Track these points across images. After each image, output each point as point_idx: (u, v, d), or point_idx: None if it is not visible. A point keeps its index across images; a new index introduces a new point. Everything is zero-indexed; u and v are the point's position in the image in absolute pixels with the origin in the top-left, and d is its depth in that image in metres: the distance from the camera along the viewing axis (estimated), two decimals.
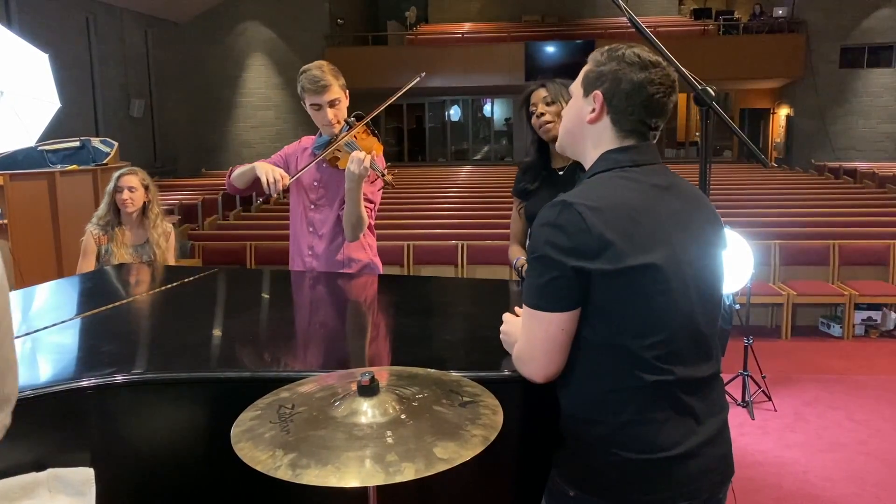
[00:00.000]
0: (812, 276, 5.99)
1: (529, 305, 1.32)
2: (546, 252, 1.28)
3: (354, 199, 2.49)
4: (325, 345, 1.80)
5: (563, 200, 1.29)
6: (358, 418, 1.20)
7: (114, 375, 1.50)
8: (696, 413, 1.32)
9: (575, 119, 1.43)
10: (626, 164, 1.35)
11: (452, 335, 1.82)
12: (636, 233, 1.27)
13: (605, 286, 1.26)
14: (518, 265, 2.49)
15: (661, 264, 1.26)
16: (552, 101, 2.41)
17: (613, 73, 1.35)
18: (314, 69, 2.59)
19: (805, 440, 3.65)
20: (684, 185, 1.42)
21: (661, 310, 1.28)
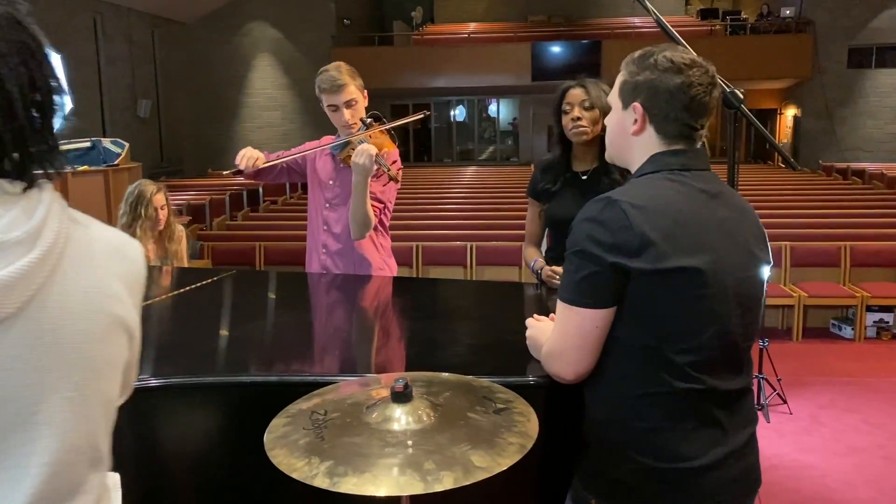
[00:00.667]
0: (823, 278, 5.96)
1: (564, 300, 1.30)
2: (586, 247, 1.26)
3: (360, 194, 2.47)
4: (349, 349, 1.79)
5: (608, 196, 1.29)
6: (391, 425, 1.19)
7: (147, 379, 1.49)
8: (723, 425, 1.31)
9: (619, 132, 1.42)
10: (675, 167, 1.33)
11: (475, 339, 1.80)
12: (679, 235, 1.25)
13: (643, 286, 1.24)
14: (536, 267, 2.46)
15: (702, 269, 1.24)
16: (591, 106, 2.34)
17: (649, 83, 1.33)
18: (331, 69, 2.58)
19: (822, 444, 3.63)
20: (733, 195, 1.40)
21: (698, 316, 1.26)
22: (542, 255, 2.53)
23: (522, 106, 18.23)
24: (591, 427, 1.37)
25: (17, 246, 0.76)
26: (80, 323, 0.82)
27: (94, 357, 0.84)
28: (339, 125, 2.63)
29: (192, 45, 15.30)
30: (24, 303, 0.76)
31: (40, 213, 0.80)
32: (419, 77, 15.41)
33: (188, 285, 2.45)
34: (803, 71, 14.65)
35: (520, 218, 7.80)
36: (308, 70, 15.40)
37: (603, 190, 2.35)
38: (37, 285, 0.78)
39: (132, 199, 3.31)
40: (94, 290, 0.84)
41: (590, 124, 2.35)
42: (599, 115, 2.34)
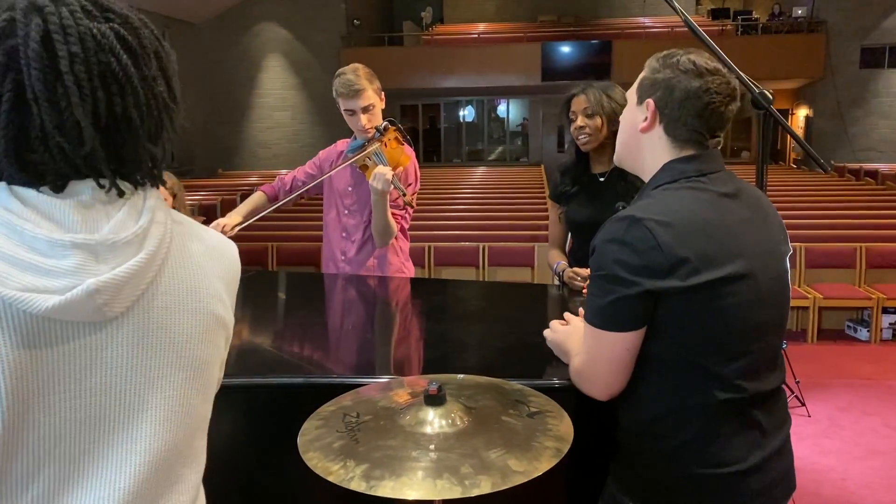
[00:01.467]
0: (838, 279, 5.92)
1: (593, 325, 1.27)
2: (613, 271, 1.22)
3: (381, 210, 2.48)
4: (375, 350, 1.79)
5: (630, 215, 1.24)
6: (425, 428, 1.18)
7: None
8: (762, 426, 1.29)
9: (629, 129, 1.39)
10: (692, 173, 1.30)
11: (501, 341, 1.79)
12: (709, 248, 1.22)
13: (677, 303, 1.21)
14: (558, 269, 2.45)
15: (735, 277, 1.22)
16: (592, 113, 2.34)
17: (667, 81, 1.31)
18: (349, 73, 2.55)
19: (841, 447, 3.60)
20: (749, 191, 1.37)
21: (736, 324, 1.24)
22: (565, 258, 2.52)
23: (532, 106, 18.19)
24: (627, 436, 1.35)
25: (126, 246, 0.78)
26: (184, 322, 0.84)
27: (195, 356, 0.86)
28: (355, 129, 2.62)
29: (202, 45, 15.35)
30: (133, 302, 0.79)
31: (146, 215, 0.82)
32: (429, 77, 15.40)
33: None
34: (815, 71, 14.56)
35: (531, 218, 7.82)
36: (318, 70, 15.44)
37: (619, 191, 2.35)
38: (145, 284, 0.80)
39: None
40: (197, 289, 0.86)
41: (594, 131, 2.36)
42: (602, 120, 2.35)
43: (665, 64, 1.33)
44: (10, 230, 0.73)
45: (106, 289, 0.75)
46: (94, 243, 0.75)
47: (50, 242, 0.73)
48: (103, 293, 0.75)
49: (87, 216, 0.77)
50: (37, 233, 0.73)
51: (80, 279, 0.74)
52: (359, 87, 2.51)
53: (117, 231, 0.78)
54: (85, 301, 0.74)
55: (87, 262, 0.75)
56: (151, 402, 0.81)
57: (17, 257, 0.72)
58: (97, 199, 0.78)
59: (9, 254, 0.72)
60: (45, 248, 0.73)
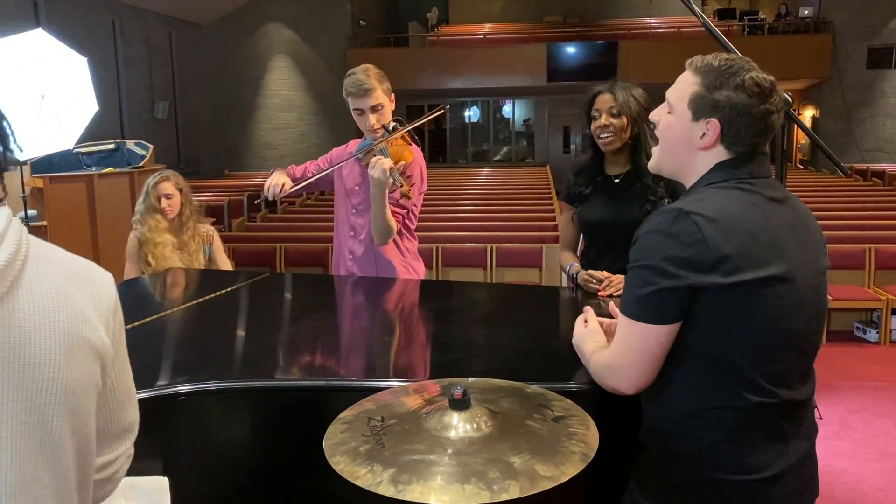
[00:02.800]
0: (847, 281, 5.90)
1: (629, 315, 1.28)
2: (657, 262, 1.22)
3: (378, 204, 2.47)
4: (393, 353, 1.79)
5: (678, 208, 1.24)
6: (450, 432, 1.18)
7: (206, 382, 1.49)
8: (787, 436, 1.29)
9: (681, 141, 1.35)
10: (742, 175, 1.29)
11: (519, 344, 1.79)
12: (754, 247, 1.22)
13: (717, 299, 1.21)
14: (572, 272, 2.45)
15: (778, 279, 1.22)
16: (619, 113, 2.31)
17: (731, 104, 1.27)
18: (359, 73, 2.56)
19: (854, 449, 3.59)
20: (796, 200, 1.37)
21: (775, 327, 1.24)
22: (578, 259, 2.51)
23: (538, 107, 18.19)
24: (653, 436, 1.35)
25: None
26: (40, 342, 0.76)
27: (56, 380, 0.76)
28: (364, 129, 2.62)
29: (209, 46, 15.37)
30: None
31: (2, 220, 0.76)
32: (435, 78, 15.40)
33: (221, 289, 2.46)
34: (822, 71, 14.52)
35: (538, 219, 7.81)
36: (324, 71, 15.45)
37: (635, 194, 2.34)
38: None
39: (144, 188, 3.29)
40: (59, 312, 0.78)
41: (618, 131, 2.33)
42: (627, 121, 2.33)
43: (726, 81, 1.28)
44: None
45: None
46: None
47: None
48: None
49: None
50: None
51: None
52: (368, 86, 2.52)
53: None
54: None
55: None
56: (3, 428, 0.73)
57: None
58: None
59: None
60: None
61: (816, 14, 14.86)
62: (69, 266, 0.83)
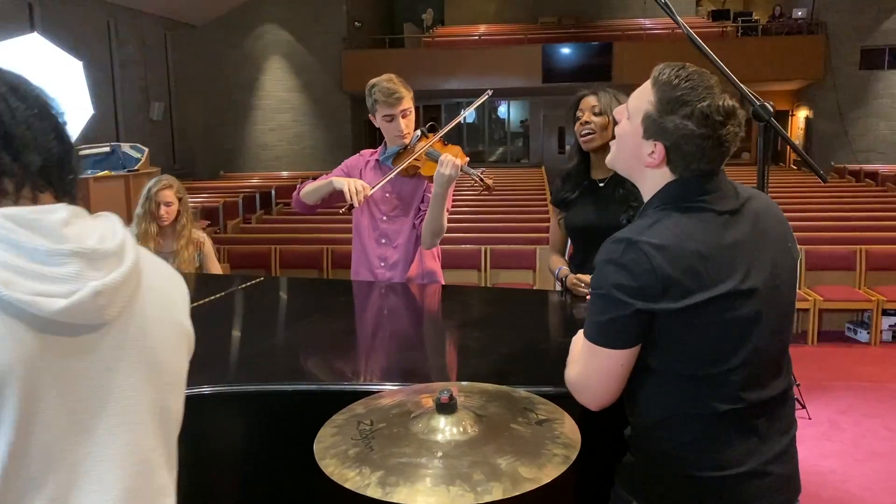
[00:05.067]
0: (838, 282, 5.95)
1: (590, 339, 1.31)
2: (610, 292, 1.26)
3: (441, 205, 2.49)
4: (387, 357, 1.82)
5: (627, 238, 1.27)
6: (437, 436, 1.21)
7: (201, 386, 1.52)
8: (760, 432, 1.32)
9: (631, 152, 1.36)
10: (694, 195, 1.30)
11: (509, 348, 1.83)
12: (702, 269, 1.24)
13: (672, 323, 1.25)
14: (560, 275, 2.48)
15: (731, 294, 1.25)
16: (600, 112, 2.37)
17: (679, 132, 1.27)
18: (385, 82, 2.59)
19: (842, 449, 3.64)
20: (754, 201, 1.36)
21: (735, 340, 1.27)
22: (567, 263, 2.55)
23: (533, 108, 18.23)
24: (633, 436, 1.39)
25: (112, 256, 0.86)
26: (160, 330, 0.92)
27: (171, 363, 0.94)
28: (393, 135, 2.63)
29: (204, 47, 15.38)
30: (124, 306, 0.86)
31: (120, 231, 0.90)
32: (430, 79, 15.43)
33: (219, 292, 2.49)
34: (815, 72, 14.59)
35: (533, 221, 7.84)
36: (319, 72, 15.47)
37: (619, 198, 2.38)
38: (131, 292, 0.87)
39: (143, 193, 3.32)
40: (168, 301, 0.95)
41: (599, 129, 2.38)
42: (609, 121, 2.37)
43: (677, 109, 1.27)
44: (8, 244, 0.79)
45: (106, 291, 0.82)
46: (89, 251, 0.83)
47: (49, 252, 0.80)
48: (105, 295, 0.82)
49: (70, 229, 0.83)
50: (37, 244, 0.80)
51: (81, 284, 0.81)
52: (400, 94, 2.57)
53: (103, 242, 0.85)
54: (90, 302, 0.81)
55: (84, 270, 0.82)
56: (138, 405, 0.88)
57: (20, 266, 0.78)
58: (72, 215, 0.85)
59: (12, 264, 0.78)
60: (45, 258, 0.80)
61: (810, 15, 14.94)
62: (161, 268, 0.99)
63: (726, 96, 1.30)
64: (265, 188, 11.67)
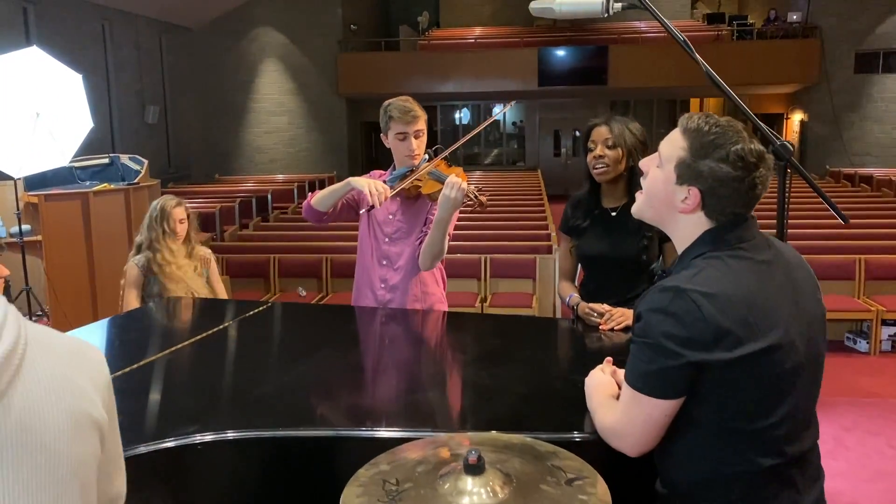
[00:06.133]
0: (837, 291, 5.95)
1: (634, 387, 1.30)
2: (659, 341, 1.25)
3: (443, 229, 2.48)
4: (401, 398, 1.80)
5: (675, 286, 1.26)
6: (464, 499, 1.20)
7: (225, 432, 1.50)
8: (798, 484, 1.32)
9: (663, 199, 1.37)
10: (733, 242, 1.31)
11: (525, 387, 1.81)
12: (752, 318, 1.24)
13: (721, 374, 1.24)
14: (571, 303, 2.47)
15: (777, 347, 1.25)
16: (613, 145, 2.36)
17: (714, 176, 1.29)
18: (401, 101, 2.60)
19: (848, 468, 3.63)
20: (783, 253, 1.39)
21: (779, 391, 1.27)
22: (577, 290, 2.54)
23: (528, 110, 18.23)
24: (667, 491, 1.37)
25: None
26: (47, 421, 0.79)
27: (67, 455, 0.81)
28: (403, 154, 2.63)
29: (199, 50, 15.32)
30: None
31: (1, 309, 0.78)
32: (426, 82, 15.42)
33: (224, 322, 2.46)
34: (810, 76, 14.66)
35: (531, 228, 7.83)
36: (315, 75, 15.43)
37: (631, 228, 2.36)
38: (4, 384, 0.76)
39: (156, 215, 3.31)
40: (59, 387, 0.82)
41: (612, 163, 2.37)
42: (623, 153, 2.36)
43: (711, 152, 1.29)
44: None
45: None
46: None
47: None
48: None
49: None
50: None
51: None
52: (416, 113, 2.59)
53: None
54: None
55: None
56: None
57: None
58: None
59: None
60: None
61: (805, 19, 14.99)
62: (64, 347, 0.87)
63: (756, 140, 1.33)
64: (261, 192, 11.62)
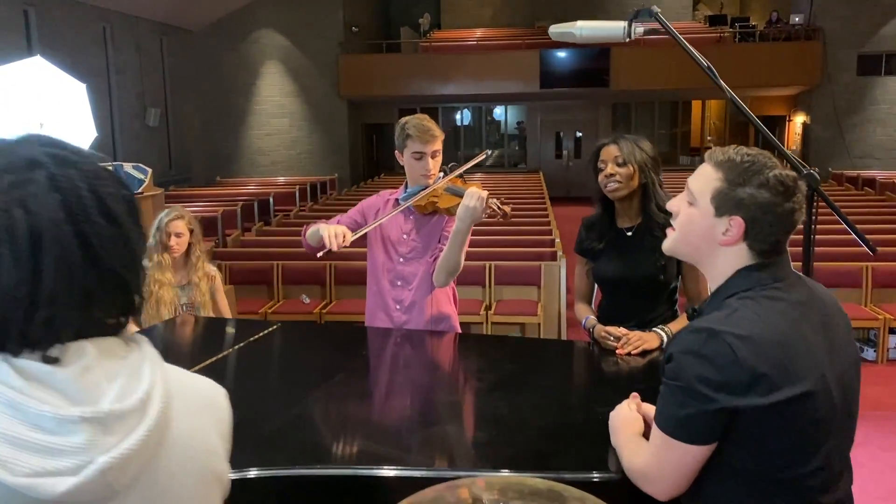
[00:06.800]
0: (844, 299, 5.92)
1: (666, 432, 1.26)
2: (692, 385, 1.21)
3: (461, 242, 2.42)
4: (419, 432, 1.76)
5: (708, 328, 1.22)
6: None
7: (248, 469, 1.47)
8: None
9: (702, 236, 1.34)
10: (767, 281, 1.28)
11: (545, 420, 1.77)
12: (788, 361, 1.20)
13: (756, 419, 1.20)
14: (588, 325, 2.43)
15: (813, 392, 1.21)
16: (624, 162, 2.32)
17: (755, 202, 1.27)
18: (420, 119, 2.57)
19: (861, 486, 3.53)
20: (817, 293, 1.36)
21: (814, 438, 1.23)
22: (594, 312, 2.50)
23: (530, 112, 18.19)
24: None
25: (131, 415, 0.76)
26: (186, 485, 0.83)
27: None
28: (418, 174, 2.58)
29: (200, 52, 15.28)
30: (137, 474, 0.77)
31: (147, 375, 0.80)
32: (427, 84, 15.39)
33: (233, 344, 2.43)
34: (812, 78, 14.63)
35: (535, 234, 7.79)
36: (316, 77, 15.40)
37: (647, 247, 2.32)
38: (151, 454, 0.78)
39: (153, 225, 3.28)
40: (196, 449, 0.86)
41: (624, 180, 2.33)
42: (634, 169, 2.33)
43: (750, 179, 1.27)
44: (12, 409, 0.70)
45: (117, 465, 0.73)
46: (104, 416, 0.73)
47: (57, 419, 0.71)
48: (115, 469, 0.73)
49: (89, 381, 0.75)
50: (42, 410, 0.70)
51: (90, 456, 0.71)
52: (434, 132, 2.55)
53: (122, 398, 0.76)
54: (98, 480, 0.72)
55: (96, 436, 0.73)
56: None
57: (22, 438, 0.69)
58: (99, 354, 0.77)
59: (13, 435, 0.69)
60: (53, 426, 0.71)
61: (807, 21, 14.96)
62: (199, 396, 0.90)
63: (788, 167, 1.33)
64: (263, 195, 11.58)
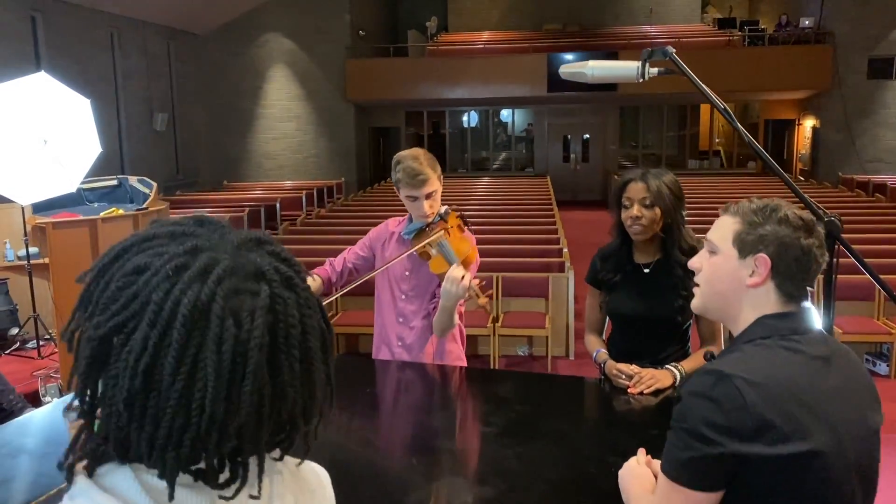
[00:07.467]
0: (857, 312, 5.85)
1: (670, 476, 1.22)
2: (697, 427, 1.18)
3: (449, 311, 2.39)
4: (424, 487, 1.72)
5: (718, 370, 1.19)
6: None
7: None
8: None
9: (730, 282, 1.32)
10: (786, 332, 1.25)
11: (555, 471, 1.73)
12: (799, 414, 1.16)
13: (760, 471, 1.16)
14: (599, 359, 2.39)
15: (824, 451, 1.16)
16: (651, 205, 2.25)
17: (778, 237, 1.27)
18: (411, 160, 2.45)
19: None
20: (843, 355, 1.31)
21: (822, 500, 1.18)
22: (605, 345, 2.45)
23: (537, 116, 18.13)
24: None
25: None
26: None
27: None
28: (416, 214, 2.54)
29: (207, 57, 15.28)
30: None
31: None
32: (434, 88, 15.35)
33: None
34: (822, 82, 14.52)
35: (543, 242, 7.73)
36: (323, 81, 15.38)
37: (667, 286, 2.26)
38: None
39: None
40: None
41: (649, 223, 2.27)
42: (660, 212, 2.26)
43: (768, 218, 1.29)
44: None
45: None
46: None
47: None
48: None
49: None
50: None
51: None
52: (424, 176, 2.44)
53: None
54: None
55: None
56: None
57: None
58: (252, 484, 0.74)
59: None
60: None
61: (817, 24, 14.85)
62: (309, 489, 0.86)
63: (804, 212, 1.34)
64: (270, 200, 11.56)
